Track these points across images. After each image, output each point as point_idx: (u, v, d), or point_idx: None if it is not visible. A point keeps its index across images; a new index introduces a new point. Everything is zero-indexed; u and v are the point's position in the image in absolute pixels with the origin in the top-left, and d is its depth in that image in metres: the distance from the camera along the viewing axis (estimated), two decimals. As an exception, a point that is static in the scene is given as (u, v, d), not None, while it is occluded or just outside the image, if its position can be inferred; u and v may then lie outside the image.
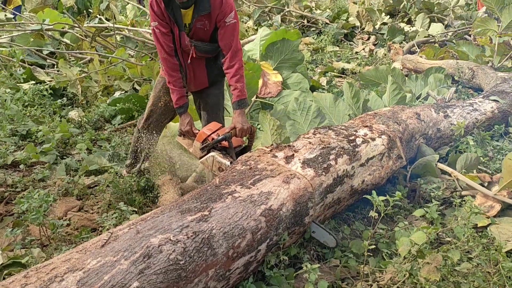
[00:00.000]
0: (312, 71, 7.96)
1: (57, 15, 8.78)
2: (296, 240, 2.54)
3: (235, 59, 2.90)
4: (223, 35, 2.88)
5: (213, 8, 2.81)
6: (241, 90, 2.92)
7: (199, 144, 2.93)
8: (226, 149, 2.90)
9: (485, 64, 6.58)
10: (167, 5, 2.82)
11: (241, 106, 2.94)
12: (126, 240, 1.85)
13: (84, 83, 6.23)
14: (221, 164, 2.79)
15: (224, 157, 2.81)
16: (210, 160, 2.84)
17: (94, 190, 3.66)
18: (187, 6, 2.79)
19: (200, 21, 2.85)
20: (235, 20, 2.87)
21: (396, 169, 3.28)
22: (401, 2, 13.38)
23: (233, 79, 2.91)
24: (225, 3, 2.81)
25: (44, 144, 4.42)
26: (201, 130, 2.98)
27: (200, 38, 2.96)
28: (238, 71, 2.91)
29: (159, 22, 2.88)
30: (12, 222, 3.08)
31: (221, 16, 2.83)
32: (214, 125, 3.00)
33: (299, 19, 12.39)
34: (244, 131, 2.92)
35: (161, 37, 2.92)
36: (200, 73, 3.15)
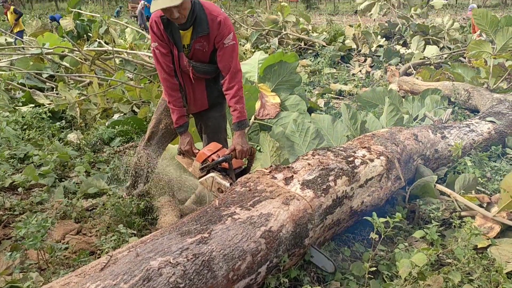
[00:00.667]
0: (310, 93, 8.03)
1: (57, 39, 8.89)
2: (296, 262, 2.53)
3: (234, 80, 2.92)
4: (222, 57, 2.90)
5: (212, 30, 2.83)
6: (240, 111, 2.93)
7: (199, 164, 2.93)
8: (226, 170, 2.89)
9: (481, 85, 6.66)
10: (166, 27, 2.85)
11: (241, 127, 2.95)
12: (126, 263, 1.83)
13: (83, 105, 6.27)
14: (221, 185, 2.78)
15: (223, 178, 2.81)
16: (210, 181, 2.84)
17: (92, 213, 3.64)
18: (185, 27, 2.83)
19: (199, 42, 2.88)
20: (234, 42, 2.89)
21: (395, 190, 3.29)
22: (396, 25, 13.60)
23: (233, 100, 2.92)
24: (223, 24, 2.84)
25: (42, 166, 4.42)
26: (201, 150, 2.98)
27: (199, 59, 2.98)
28: (237, 92, 2.92)
29: (158, 43, 2.91)
30: (10, 245, 3.05)
31: (219, 38, 2.86)
32: (214, 145, 3.00)
33: (296, 42, 12.55)
34: (244, 152, 2.93)
35: (161, 58, 2.95)
36: (200, 94, 3.17)
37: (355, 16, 32.32)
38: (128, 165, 4.07)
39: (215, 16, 2.83)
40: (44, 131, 5.51)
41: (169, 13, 2.65)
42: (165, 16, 2.76)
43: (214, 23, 2.82)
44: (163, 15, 2.79)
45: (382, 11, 14.53)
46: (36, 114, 5.74)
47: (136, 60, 7.93)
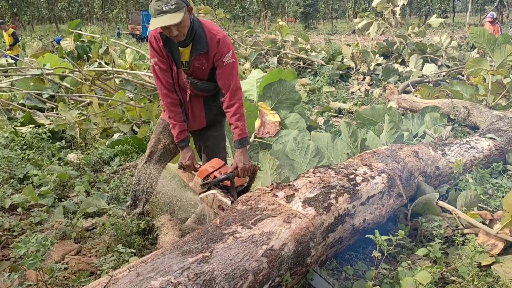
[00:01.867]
0: (309, 111, 8.06)
1: (57, 59, 8.95)
2: (299, 281, 2.50)
3: (234, 98, 2.91)
4: (222, 75, 2.90)
5: (211, 48, 2.84)
6: (242, 128, 2.92)
7: (200, 180, 2.91)
8: (227, 187, 2.88)
9: (480, 102, 6.69)
10: (166, 43, 2.85)
11: (243, 144, 2.94)
12: (126, 283, 1.81)
13: (83, 125, 6.28)
14: (222, 202, 2.76)
15: (225, 196, 2.79)
16: (211, 198, 2.82)
17: (92, 233, 3.61)
18: (185, 45, 2.84)
19: (198, 60, 2.88)
20: (233, 60, 2.90)
21: (396, 207, 3.27)
22: (394, 44, 13.74)
23: (234, 118, 2.91)
24: (222, 42, 2.84)
25: (42, 186, 4.40)
26: (204, 166, 2.97)
27: (198, 76, 2.98)
28: (238, 109, 2.91)
29: (158, 59, 2.92)
30: (8, 267, 3.02)
31: (218, 56, 2.86)
32: (216, 162, 2.98)
33: (295, 61, 12.65)
34: (246, 170, 2.91)
35: (160, 73, 2.95)
36: (198, 112, 3.16)
37: (353, 36, 32.67)
38: (128, 185, 4.06)
39: (214, 34, 2.84)
40: (44, 151, 5.50)
41: (168, 31, 2.66)
42: (164, 34, 2.78)
43: (213, 41, 2.83)
44: (162, 32, 2.80)
45: (380, 30, 14.69)
46: (36, 134, 5.75)
47: (136, 80, 7.97)
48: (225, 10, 42.94)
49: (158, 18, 2.60)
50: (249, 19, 65.31)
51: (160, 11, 2.58)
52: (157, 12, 2.59)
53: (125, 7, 52.94)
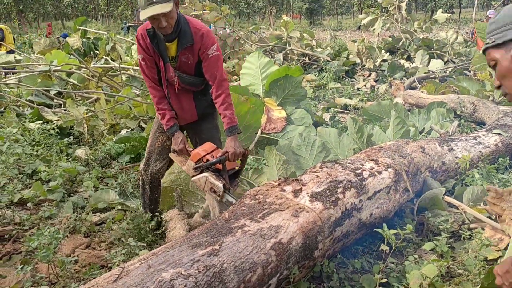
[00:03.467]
0: (315, 107, 8.07)
1: (64, 56, 9.00)
2: (306, 274, 2.53)
3: (221, 88, 3.03)
4: (208, 67, 3.02)
5: (196, 41, 2.96)
6: (230, 117, 3.03)
7: (193, 164, 2.99)
8: (219, 171, 2.96)
9: (486, 98, 6.67)
10: (152, 39, 2.97)
11: (232, 132, 3.03)
12: (138, 275, 1.85)
13: (91, 121, 6.32)
14: (214, 185, 2.84)
15: (217, 179, 2.86)
16: (203, 180, 2.90)
17: (101, 227, 3.66)
18: (171, 39, 2.96)
19: (184, 54, 3.00)
20: (218, 52, 3.02)
21: (403, 202, 3.29)
22: (400, 40, 13.69)
23: (222, 107, 3.03)
24: (206, 36, 2.97)
25: (51, 182, 4.45)
26: (196, 150, 3.06)
27: (184, 71, 3.09)
28: (225, 99, 3.03)
29: (144, 55, 3.05)
30: (20, 260, 3.07)
31: (203, 49, 2.98)
32: (209, 146, 3.07)
33: (301, 57, 12.64)
34: (236, 155, 2.98)
35: (146, 69, 3.09)
36: (187, 105, 3.24)
37: (358, 32, 32.56)
38: (136, 180, 4.08)
39: (199, 29, 2.98)
40: (52, 147, 5.55)
41: (157, 23, 2.77)
42: (151, 29, 2.93)
43: (197, 35, 2.96)
44: (149, 28, 2.94)
45: (385, 26, 14.64)
46: (44, 130, 5.80)
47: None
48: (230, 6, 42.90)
49: (149, 8, 2.70)
50: (254, 16, 65.24)
51: (151, 1, 2.69)
52: (147, 2, 2.70)
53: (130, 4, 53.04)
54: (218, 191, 2.80)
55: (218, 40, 11.89)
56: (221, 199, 2.83)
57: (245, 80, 6.15)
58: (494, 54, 1.58)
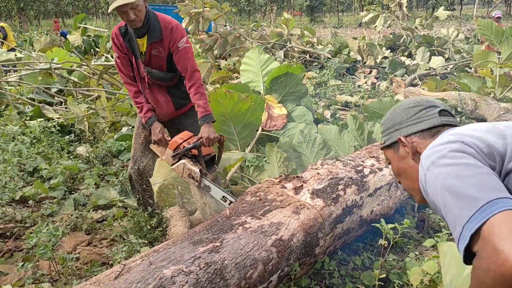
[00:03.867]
0: (316, 104, 8.06)
1: (65, 54, 9.00)
2: (307, 271, 2.53)
3: (193, 79, 3.09)
4: (179, 59, 3.08)
5: (165, 35, 3.03)
6: (204, 106, 3.08)
7: (171, 152, 3.04)
8: (196, 157, 3.01)
9: (487, 95, 6.66)
10: (124, 36, 3.07)
11: (206, 120, 3.08)
12: (139, 272, 1.85)
13: (92, 119, 6.33)
14: (191, 171, 2.90)
15: (193, 165, 2.93)
16: (181, 167, 2.96)
17: (102, 225, 3.67)
18: (141, 34, 3.03)
19: (155, 48, 3.07)
20: (188, 44, 3.09)
21: (404, 199, 3.29)
22: (401, 37, 13.66)
23: (195, 97, 3.09)
24: (175, 29, 3.04)
25: (52, 179, 4.46)
26: (173, 138, 3.10)
27: (157, 65, 3.15)
28: (198, 89, 3.09)
29: (119, 54, 3.16)
30: (21, 257, 3.08)
31: (172, 42, 3.04)
32: (185, 134, 3.12)
33: (302, 54, 12.62)
34: (211, 140, 3.03)
35: (122, 67, 3.21)
36: (163, 99, 3.30)
37: (359, 29, 32.52)
38: None
39: (168, 23, 3.06)
40: (53, 144, 5.56)
41: (126, 16, 2.85)
42: (123, 27, 3.04)
43: (167, 29, 3.03)
44: (121, 26, 3.06)
45: (386, 23, 14.61)
46: (45, 128, 5.81)
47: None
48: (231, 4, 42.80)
49: (116, 1, 2.78)
50: (255, 13, 65.15)
51: None
52: None
53: (131, 1, 52.69)
54: (196, 176, 2.88)
55: (219, 37, 11.90)
56: (199, 184, 2.90)
57: (245, 77, 6.14)
58: (387, 153, 1.69)
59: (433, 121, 1.53)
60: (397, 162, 1.63)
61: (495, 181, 1.17)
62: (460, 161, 1.22)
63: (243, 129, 4.68)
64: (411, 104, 1.62)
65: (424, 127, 1.54)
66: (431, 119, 1.54)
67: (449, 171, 1.22)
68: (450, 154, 1.25)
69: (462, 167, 1.20)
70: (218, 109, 4.47)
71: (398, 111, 1.64)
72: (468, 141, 1.27)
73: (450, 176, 1.20)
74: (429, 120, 1.54)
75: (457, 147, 1.26)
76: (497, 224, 1.07)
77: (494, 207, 1.09)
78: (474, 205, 1.12)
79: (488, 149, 1.25)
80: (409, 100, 1.66)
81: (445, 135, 1.38)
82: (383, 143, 1.67)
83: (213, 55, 12.29)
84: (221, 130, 4.62)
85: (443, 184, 1.22)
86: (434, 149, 1.32)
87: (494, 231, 1.06)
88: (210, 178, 2.96)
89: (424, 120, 1.55)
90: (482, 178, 1.17)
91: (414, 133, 1.55)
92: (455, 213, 1.17)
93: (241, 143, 4.71)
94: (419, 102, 1.61)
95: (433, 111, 1.55)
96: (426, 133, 1.53)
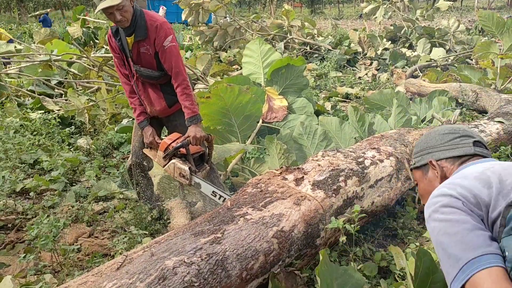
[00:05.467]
0: (317, 96, 8.04)
1: (65, 45, 8.96)
2: (308, 262, 2.54)
3: (178, 79, 3.09)
4: (165, 59, 3.08)
5: (150, 34, 3.03)
6: (190, 107, 3.10)
7: (162, 153, 3.10)
8: (186, 156, 3.05)
9: (488, 86, 6.65)
10: (116, 36, 3.11)
11: (193, 122, 3.10)
12: (141, 263, 1.86)
13: (92, 111, 6.32)
14: (181, 169, 2.96)
15: (183, 163, 2.99)
16: (172, 167, 3.02)
17: (103, 216, 3.67)
18: (129, 33, 3.04)
19: (143, 46, 3.08)
20: (174, 43, 3.08)
21: (405, 190, 3.29)
22: (402, 28, 13.61)
23: (181, 98, 3.11)
24: (160, 28, 3.03)
25: (53, 171, 4.46)
26: (163, 140, 3.15)
27: (147, 62, 3.15)
28: (184, 90, 3.09)
29: (114, 55, 3.21)
30: (23, 249, 3.09)
31: (158, 41, 3.04)
32: (174, 135, 3.17)
33: (302, 46, 12.58)
34: (197, 139, 3.06)
35: (119, 66, 3.26)
36: (155, 96, 3.31)
37: (360, 20, 32.37)
38: None
39: (154, 21, 3.05)
40: (53, 136, 5.56)
41: (113, 17, 2.88)
42: (114, 27, 3.08)
43: (152, 27, 3.04)
44: (113, 26, 3.10)
45: (387, 14, 14.54)
46: (46, 120, 5.80)
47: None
48: (231, -5, 42.52)
49: (102, 2, 2.80)
50: (255, 5, 64.77)
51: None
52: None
53: (130, -7, 52.47)
54: (186, 174, 2.93)
55: (219, 29, 11.85)
56: (189, 182, 2.95)
57: (247, 69, 6.13)
58: (415, 174, 1.79)
59: (466, 150, 1.60)
60: (424, 184, 1.71)
61: (476, 237, 1.29)
62: (448, 217, 1.36)
63: (243, 121, 4.67)
64: (447, 131, 1.68)
65: (456, 154, 1.61)
66: (464, 147, 1.61)
67: (440, 227, 1.37)
68: (441, 210, 1.38)
69: (449, 224, 1.34)
70: (219, 102, 4.47)
71: (433, 135, 1.70)
72: (457, 194, 1.38)
73: (440, 233, 1.36)
74: (462, 148, 1.61)
75: (447, 202, 1.38)
76: (477, 283, 1.22)
77: (474, 266, 1.24)
78: (456, 265, 1.28)
79: (475, 199, 1.36)
80: (446, 127, 1.72)
81: (442, 185, 1.49)
82: (414, 163, 1.75)
83: (213, 46, 12.25)
84: (222, 122, 4.62)
85: (436, 240, 1.38)
86: (431, 200, 1.45)
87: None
88: (200, 176, 3.02)
89: (458, 147, 1.62)
90: (465, 235, 1.30)
91: (446, 159, 1.63)
92: (444, 269, 1.34)
93: (241, 135, 4.71)
94: (455, 130, 1.68)
95: (468, 141, 1.62)
96: (456, 160, 1.61)
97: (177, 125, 3.41)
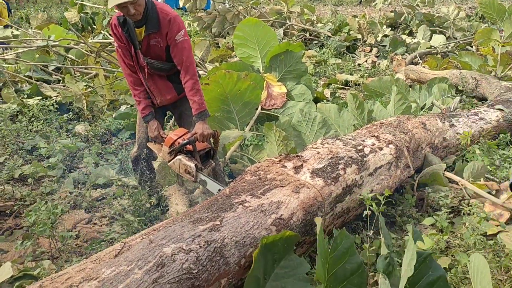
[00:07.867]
0: (316, 83, 8.00)
1: (63, 31, 8.87)
2: (307, 249, 2.54)
3: (188, 74, 3.06)
4: (176, 53, 3.05)
5: (162, 27, 3.00)
6: (199, 103, 3.07)
7: (167, 149, 3.07)
8: (192, 152, 3.03)
9: (488, 73, 6.61)
10: (123, 26, 3.03)
11: (201, 118, 3.08)
12: (140, 250, 1.85)
13: (90, 97, 6.27)
14: (187, 166, 2.94)
15: (189, 160, 2.96)
16: (177, 163, 3.00)
17: (102, 203, 3.67)
18: (140, 24, 2.99)
19: (154, 38, 3.04)
20: (185, 38, 3.06)
21: (404, 178, 3.29)
22: (402, 15, 13.50)
23: (190, 93, 3.08)
24: (173, 22, 3.00)
25: (51, 158, 4.44)
26: (169, 135, 3.12)
27: (157, 55, 3.12)
28: (193, 85, 3.06)
29: (118, 43, 3.12)
30: (22, 235, 3.09)
31: (170, 35, 3.01)
32: (180, 130, 3.15)
33: (301, 33, 12.48)
34: (204, 136, 3.05)
35: (123, 56, 3.17)
36: (164, 86, 3.30)
37: (360, 7, 32.10)
38: None
39: (166, 14, 3.01)
40: (51, 123, 5.53)
41: (126, 10, 2.82)
42: (122, 17, 2.99)
43: (165, 20, 2.99)
44: (119, 16, 3.00)
45: (387, 1, 14.41)
46: (43, 106, 5.77)
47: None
48: (230, -20, 42.12)
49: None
50: (254, -10, 64.28)
51: None
52: None
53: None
54: (192, 171, 2.91)
55: (218, 15, 11.74)
56: (195, 179, 2.92)
57: (241, 52, 5.85)
58: None
59: None
60: None
61: None
62: None
63: (242, 107, 4.65)
64: None
65: None
66: None
67: None
68: None
69: None
70: (217, 89, 4.44)
71: None
72: None
73: None
74: None
75: None
76: None
77: None
78: None
79: None
80: None
81: None
82: None
83: (211, 33, 12.15)
84: (220, 109, 4.60)
85: None
86: None
87: None
88: (206, 173, 3.00)
89: None
90: None
91: None
92: None
93: (240, 122, 4.69)
94: None
95: None
96: None
97: (183, 111, 3.40)
